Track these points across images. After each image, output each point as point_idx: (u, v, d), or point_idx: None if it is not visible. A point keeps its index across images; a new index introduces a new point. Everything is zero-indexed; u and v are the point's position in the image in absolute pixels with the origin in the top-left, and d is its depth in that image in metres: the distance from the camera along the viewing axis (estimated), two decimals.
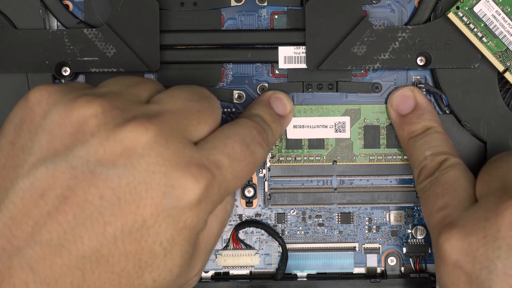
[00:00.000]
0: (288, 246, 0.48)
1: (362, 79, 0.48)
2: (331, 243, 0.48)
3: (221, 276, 0.48)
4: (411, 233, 0.48)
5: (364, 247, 0.48)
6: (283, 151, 0.48)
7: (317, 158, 0.48)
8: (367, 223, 0.48)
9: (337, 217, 0.48)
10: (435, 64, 0.46)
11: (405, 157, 0.48)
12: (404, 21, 0.48)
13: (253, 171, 0.39)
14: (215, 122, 0.38)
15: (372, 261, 0.48)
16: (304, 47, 0.46)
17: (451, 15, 0.45)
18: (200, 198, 0.34)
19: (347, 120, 0.47)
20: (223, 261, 0.47)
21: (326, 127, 0.47)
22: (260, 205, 0.48)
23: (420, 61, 0.46)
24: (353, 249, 0.48)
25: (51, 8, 0.46)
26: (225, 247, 0.48)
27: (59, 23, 0.47)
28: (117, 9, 0.45)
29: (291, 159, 0.48)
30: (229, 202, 0.39)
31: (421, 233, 0.47)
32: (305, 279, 0.48)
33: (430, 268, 0.49)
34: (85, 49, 0.45)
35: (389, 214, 0.48)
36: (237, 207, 0.48)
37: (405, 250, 0.48)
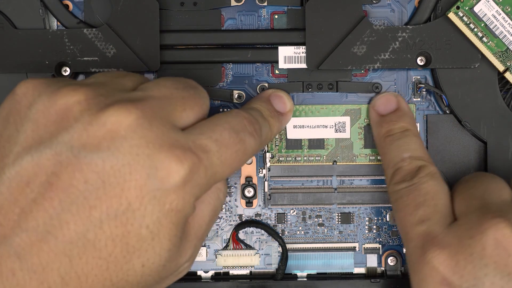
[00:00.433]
0: (288, 246, 0.48)
1: (362, 79, 0.48)
2: (331, 243, 0.48)
3: (221, 276, 0.48)
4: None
5: (364, 247, 0.48)
6: (283, 151, 0.48)
7: (317, 158, 0.48)
8: (367, 223, 0.48)
9: (337, 217, 0.48)
10: (435, 64, 0.46)
11: None
12: (404, 21, 0.47)
13: (243, 160, 0.39)
14: (201, 110, 0.38)
15: (372, 261, 0.48)
16: (304, 47, 0.46)
17: (451, 15, 0.45)
18: (184, 180, 0.34)
19: (347, 120, 0.47)
20: (223, 261, 0.47)
21: (326, 127, 0.47)
22: (260, 205, 0.48)
23: (420, 61, 0.46)
24: (353, 249, 0.48)
25: (51, 8, 0.46)
26: (225, 247, 0.48)
27: (59, 23, 0.47)
28: (117, 9, 0.45)
29: (291, 159, 0.48)
30: (221, 190, 0.40)
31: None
32: (305, 279, 0.48)
33: None
34: (85, 49, 0.45)
35: (389, 214, 0.48)
36: (237, 207, 0.48)
37: (405, 250, 0.48)
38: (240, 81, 0.48)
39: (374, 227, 0.48)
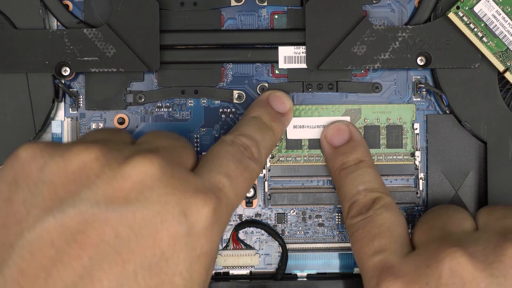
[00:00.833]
0: (288, 246, 0.48)
1: (362, 79, 0.48)
2: (331, 243, 0.48)
3: (221, 276, 0.48)
4: (411, 233, 0.48)
5: None
6: (283, 151, 0.48)
7: (317, 158, 0.48)
8: None
9: (337, 217, 0.48)
10: (435, 64, 0.46)
11: (405, 157, 0.47)
12: (404, 21, 0.48)
13: (251, 186, 0.40)
14: (196, 155, 0.39)
15: None
16: (304, 47, 0.46)
17: (451, 15, 0.45)
18: (212, 222, 0.34)
19: (347, 120, 0.47)
20: (223, 261, 0.47)
21: None
22: (260, 205, 0.48)
23: (420, 61, 0.46)
24: None
25: (51, 8, 0.46)
26: (225, 247, 0.48)
27: (59, 23, 0.47)
28: (117, 9, 0.45)
29: (291, 159, 0.48)
30: None
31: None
32: (305, 279, 0.48)
33: None
34: (85, 49, 0.45)
35: None
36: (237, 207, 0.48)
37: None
38: (240, 81, 0.48)
39: None
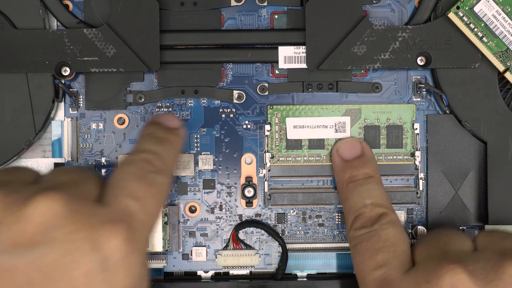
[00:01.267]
0: (288, 246, 0.47)
1: (362, 79, 0.48)
2: (331, 243, 0.48)
3: (221, 276, 0.48)
4: (411, 233, 0.48)
5: None
6: (283, 151, 0.48)
7: (317, 158, 0.48)
8: None
9: (337, 217, 0.48)
10: (435, 64, 0.46)
11: (405, 157, 0.47)
12: (404, 21, 0.47)
13: (163, 199, 0.39)
14: (102, 184, 0.38)
15: None
16: (304, 47, 0.46)
17: (451, 15, 0.45)
18: (127, 251, 0.33)
19: (347, 120, 0.47)
20: (223, 261, 0.47)
21: (326, 127, 0.47)
22: (260, 205, 0.48)
23: (420, 61, 0.46)
24: None
25: (51, 8, 0.46)
26: (225, 247, 0.48)
27: (59, 23, 0.47)
28: (117, 9, 0.45)
29: (291, 159, 0.48)
30: None
31: (421, 233, 0.47)
32: (305, 279, 0.48)
33: None
34: (85, 49, 0.45)
35: None
36: (237, 207, 0.48)
37: None
38: (240, 81, 0.48)
39: None
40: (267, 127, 0.47)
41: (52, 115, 0.47)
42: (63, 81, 0.47)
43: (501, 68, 0.45)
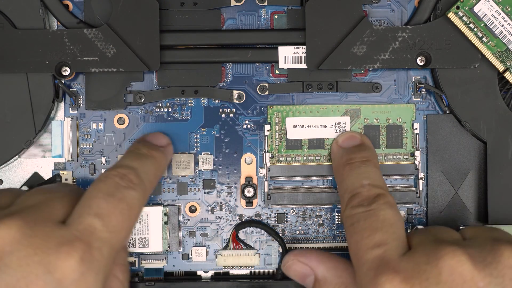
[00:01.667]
0: (288, 246, 0.48)
1: (362, 79, 0.48)
2: (331, 243, 0.48)
3: (221, 276, 0.48)
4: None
5: None
6: (283, 151, 0.48)
7: (317, 158, 0.48)
8: None
9: (337, 217, 0.48)
10: (435, 64, 0.46)
11: (405, 157, 0.48)
12: (404, 21, 0.48)
13: (133, 215, 0.39)
14: (73, 203, 0.38)
15: None
16: (304, 47, 0.46)
17: (451, 15, 0.45)
18: (82, 271, 0.34)
19: (347, 120, 0.47)
20: (223, 261, 0.47)
21: (326, 127, 0.47)
22: (260, 205, 0.48)
23: (420, 61, 0.46)
24: None
25: (51, 8, 0.46)
26: (225, 247, 0.48)
27: (59, 23, 0.47)
28: (117, 9, 0.45)
29: (291, 159, 0.48)
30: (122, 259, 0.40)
31: None
32: None
33: None
34: (85, 49, 0.45)
35: None
36: (237, 207, 0.48)
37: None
38: (240, 81, 0.48)
39: None
40: (267, 127, 0.47)
41: (52, 115, 0.47)
42: (63, 81, 0.47)
43: (501, 68, 0.45)
